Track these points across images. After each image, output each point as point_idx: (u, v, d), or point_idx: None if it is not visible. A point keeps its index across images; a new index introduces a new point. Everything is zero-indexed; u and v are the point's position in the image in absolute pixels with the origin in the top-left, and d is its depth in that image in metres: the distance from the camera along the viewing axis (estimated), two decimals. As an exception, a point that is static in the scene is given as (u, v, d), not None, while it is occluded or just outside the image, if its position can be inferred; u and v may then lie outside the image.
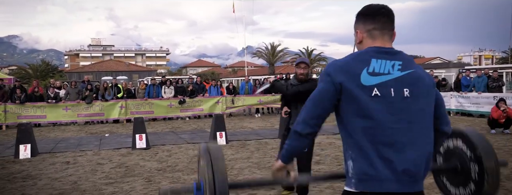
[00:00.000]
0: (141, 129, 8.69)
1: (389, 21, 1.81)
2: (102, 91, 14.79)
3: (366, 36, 1.81)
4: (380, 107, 1.66)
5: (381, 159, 1.64)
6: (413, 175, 1.66)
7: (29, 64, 53.73)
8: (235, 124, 13.56)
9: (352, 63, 1.73)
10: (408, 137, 1.67)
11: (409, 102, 1.69)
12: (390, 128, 1.66)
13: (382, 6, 1.81)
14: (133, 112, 14.93)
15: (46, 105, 14.02)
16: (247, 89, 16.99)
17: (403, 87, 1.69)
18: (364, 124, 1.67)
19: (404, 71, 1.73)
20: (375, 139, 1.66)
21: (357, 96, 1.67)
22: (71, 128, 13.56)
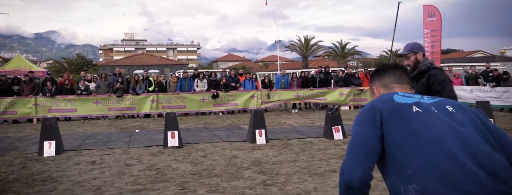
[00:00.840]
0: (174, 126, 7.92)
1: (405, 75, 1.89)
2: (133, 84, 14.20)
3: (383, 90, 1.86)
4: (426, 122, 1.59)
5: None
6: None
7: (65, 58, 54.55)
8: (272, 120, 12.65)
9: (381, 98, 1.75)
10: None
11: (460, 118, 1.61)
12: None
13: (395, 63, 1.96)
14: (165, 106, 14.29)
15: (76, 99, 13.55)
16: (284, 82, 16.04)
17: (441, 105, 1.66)
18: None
19: (434, 99, 1.72)
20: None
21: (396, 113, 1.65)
22: (101, 122, 13.02)
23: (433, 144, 1.48)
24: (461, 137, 1.49)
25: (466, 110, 1.64)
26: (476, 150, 1.47)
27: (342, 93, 15.90)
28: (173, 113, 8.02)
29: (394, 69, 1.88)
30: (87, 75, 15.23)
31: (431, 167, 1.44)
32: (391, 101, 1.65)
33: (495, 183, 1.39)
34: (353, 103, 16.09)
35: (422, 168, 1.45)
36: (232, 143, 8.30)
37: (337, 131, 8.72)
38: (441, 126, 1.53)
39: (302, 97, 15.62)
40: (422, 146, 1.49)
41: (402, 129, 1.55)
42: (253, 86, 15.57)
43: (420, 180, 1.44)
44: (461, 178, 1.40)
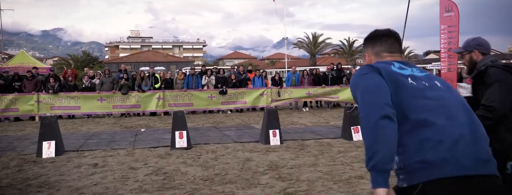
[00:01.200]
0: (182, 125, 7.38)
1: (396, 43, 1.96)
2: (138, 81, 13.69)
3: (375, 57, 1.95)
4: (427, 91, 1.77)
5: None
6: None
7: (70, 55, 54.30)
8: (284, 119, 12.09)
9: (379, 63, 1.84)
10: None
11: (445, 92, 1.78)
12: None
13: (388, 30, 1.97)
14: (171, 104, 13.77)
15: (80, 96, 13.07)
16: (294, 80, 15.46)
17: (430, 80, 1.81)
18: None
19: (422, 73, 1.85)
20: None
21: (398, 82, 1.76)
22: (105, 120, 12.53)
23: (425, 107, 1.67)
24: (443, 100, 1.71)
25: (451, 89, 1.83)
26: (466, 120, 1.68)
27: (355, 91, 15.31)
28: (181, 112, 7.49)
29: (386, 38, 1.94)
30: (89, 71, 14.69)
31: (433, 117, 1.64)
32: (389, 68, 1.78)
33: (473, 138, 1.63)
34: (366, 102, 15.50)
35: (421, 120, 1.64)
36: (244, 144, 7.76)
37: (356, 132, 8.16)
38: (435, 95, 1.72)
39: (313, 95, 15.05)
40: (420, 107, 1.66)
41: (402, 90, 1.70)
42: (262, 83, 15.01)
43: (422, 129, 1.63)
44: (447, 125, 1.63)
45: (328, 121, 11.47)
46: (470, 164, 1.54)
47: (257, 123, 11.26)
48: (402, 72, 1.77)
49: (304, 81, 15.34)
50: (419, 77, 1.79)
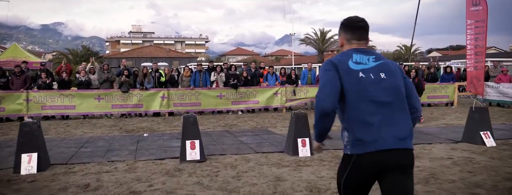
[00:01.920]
0: (193, 133, 6.07)
1: (365, 32, 2.44)
2: (140, 78, 12.37)
3: (346, 42, 2.47)
4: (368, 87, 2.31)
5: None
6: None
7: (69, 49, 52.85)
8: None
9: (340, 56, 2.39)
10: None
11: (387, 80, 2.32)
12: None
13: (360, 20, 2.43)
14: (177, 104, 12.46)
15: (75, 94, 11.75)
16: (310, 78, 14.14)
17: (379, 72, 2.33)
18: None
19: (377, 61, 2.37)
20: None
21: (350, 76, 2.32)
22: (103, 122, 11.21)
23: (369, 101, 2.25)
24: (386, 98, 2.27)
25: (394, 74, 2.36)
26: (391, 105, 2.28)
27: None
28: (193, 117, 6.15)
29: (358, 28, 2.42)
30: (79, 67, 13.23)
31: (368, 110, 2.24)
32: (346, 64, 2.30)
33: (394, 133, 2.25)
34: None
35: (363, 110, 2.25)
36: (267, 155, 6.45)
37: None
38: (375, 90, 2.27)
39: (331, 95, 13.72)
40: (363, 100, 2.25)
41: (351, 84, 2.27)
42: (276, 81, 13.68)
43: (362, 117, 2.25)
44: (378, 120, 2.23)
45: (354, 124, 10.15)
46: (391, 140, 2.20)
47: (274, 126, 9.95)
48: (356, 68, 2.30)
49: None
50: (370, 69, 2.32)
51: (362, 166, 2.21)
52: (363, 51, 2.38)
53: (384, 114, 2.22)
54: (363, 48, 2.40)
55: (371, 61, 2.34)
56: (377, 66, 2.33)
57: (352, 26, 2.42)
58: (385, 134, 2.18)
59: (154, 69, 12.88)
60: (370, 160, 2.18)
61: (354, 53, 2.35)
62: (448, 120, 10.85)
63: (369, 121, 2.20)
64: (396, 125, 2.22)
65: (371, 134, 2.18)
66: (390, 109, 2.24)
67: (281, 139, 7.95)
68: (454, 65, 21.83)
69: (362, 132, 2.20)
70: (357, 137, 2.21)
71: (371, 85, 2.25)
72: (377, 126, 2.19)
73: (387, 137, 2.18)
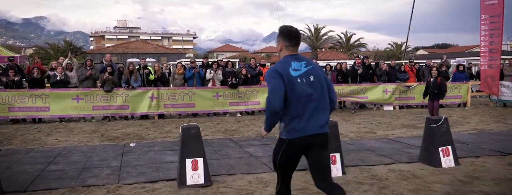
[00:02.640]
0: (197, 150, 4.66)
1: (298, 42, 3.07)
2: (126, 75, 10.87)
3: (284, 48, 3.02)
4: (303, 89, 2.93)
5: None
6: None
7: (50, 44, 50.69)
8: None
9: (282, 64, 2.96)
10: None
11: (315, 83, 2.97)
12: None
13: (295, 31, 3.05)
14: (167, 105, 11.00)
15: (49, 93, 10.21)
16: (315, 76, 12.78)
17: (309, 75, 2.96)
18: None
19: (307, 67, 2.99)
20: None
21: (291, 82, 2.91)
22: (82, 126, 9.71)
23: (303, 100, 2.91)
24: (315, 98, 2.95)
25: (320, 76, 3.03)
26: (318, 102, 2.96)
27: (386, 90, 12.72)
28: (195, 128, 4.72)
29: (294, 38, 3.02)
30: (53, 63, 11.60)
31: (301, 107, 2.91)
32: (287, 71, 2.90)
33: (319, 122, 2.98)
34: (398, 103, 12.94)
35: (298, 107, 2.91)
36: (288, 177, 5.07)
37: (446, 155, 5.56)
38: (308, 91, 2.92)
39: (338, 95, 12.42)
40: (298, 100, 2.89)
41: (292, 88, 2.88)
42: (278, 80, 12.33)
43: (297, 112, 2.91)
44: (308, 115, 2.93)
45: (373, 130, 8.84)
46: (315, 128, 2.94)
47: (283, 133, 8.57)
48: (295, 74, 2.91)
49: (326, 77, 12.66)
50: (303, 74, 2.94)
51: (294, 146, 2.97)
52: (297, 57, 3.00)
53: (311, 108, 2.94)
54: (296, 54, 3.03)
55: (303, 66, 2.97)
56: (308, 71, 2.96)
57: (290, 35, 3.00)
58: (311, 124, 2.93)
59: (142, 66, 11.38)
60: (300, 142, 2.94)
61: (292, 61, 2.95)
62: (474, 125, 9.62)
63: (300, 114, 2.91)
64: (318, 116, 2.96)
65: (301, 124, 2.91)
66: (316, 104, 2.95)
67: (297, 151, 6.61)
68: (460, 63, 20.65)
69: (295, 123, 2.91)
70: (291, 126, 2.93)
71: (305, 87, 2.92)
72: (305, 119, 2.92)
73: (312, 126, 2.94)
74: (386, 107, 12.91)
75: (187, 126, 4.72)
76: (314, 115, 2.93)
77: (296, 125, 2.90)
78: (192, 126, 4.72)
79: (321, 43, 39.21)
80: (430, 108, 8.78)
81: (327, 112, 3.05)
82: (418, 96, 12.92)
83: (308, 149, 3.00)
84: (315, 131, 2.93)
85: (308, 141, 2.94)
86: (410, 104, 13.20)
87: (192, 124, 4.78)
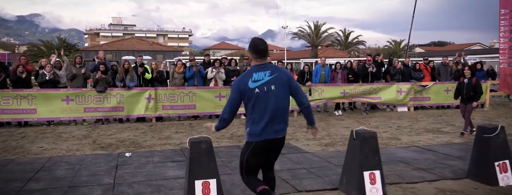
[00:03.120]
0: (208, 169, 3.76)
1: (265, 53, 3.35)
2: (121, 74, 9.95)
3: (253, 59, 3.36)
4: (260, 98, 3.25)
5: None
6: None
7: (43, 41, 49.50)
8: (321, 129, 8.58)
9: (243, 78, 3.32)
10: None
11: (275, 92, 3.26)
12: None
13: (261, 44, 3.33)
14: (166, 106, 10.09)
15: (36, 94, 9.28)
16: (324, 75, 11.91)
17: (270, 84, 3.25)
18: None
19: (271, 76, 3.27)
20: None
21: (247, 93, 3.27)
22: (72, 131, 8.78)
23: (258, 112, 3.25)
24: (271, 105, 3.23)
25: (283, 84, 3.30)
26: (274, 109, 3.25)
27: (401, 90, 11.85)
28: (206, 142, 3.81)
29: (260, 51, 3.31)
30: (42, 60, 10.62)
31: (259, 114, 3.25)
32: (246, 85, 3.24)
33: (275, 128, 3.29)
34: (413, 103, 12.06)
35: (256, 114, 3.27)
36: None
37: (503, 171, 4.70)
38: (265, 100, 3.23)
39: (349, 95, 11.54)
40: (256, 108, 3.25)
41: (249, 102, 3.27)
42: (286, 79, 11.43)
43: (255, 119, 3.28)
44: (265, 121, 3.24)
45: (395, 135, 7.97)
46: (271, 133, 3.26)
47: (294, 137, 7.71)
48: (253, 86, 3.25)
49: (336, 76, 11.80)
50: (263, 83, 3.25)
51: (255, 149, 3.31)
52: (262, 67, 3.32)
53: (269, 115, 3.24)
54: (262, 64, 3.33)
55: (266, 76, 3.27)
56: (270, 79, 3.26)
57: (256, 48, 3.32)
58: (268, 129, 3.25)
59: (138, 64, 10.45)
60: (259, 145, 3.29)
61: (254, 72, 3.29)
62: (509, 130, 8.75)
63: (259, 121, 3.25)
64: (275, 122, 3.27)
65: (259, 130, 3.25)
66: (274, 112, 3.25)
67: (319, 162, 5.74)
68: (471, 61, 19.84)
69: (254, 128, 3.28)
70: (251, 131, 3.30)
71: (263, 96, 3.24)
72: (263, 125, 3.24)
73: (269, 131, 3.26)
74: (400, 108, 12.05)
75: (196, 139, 3.81)
76: (272, 122, 3.25)
77: (254, 130, 3.27)
78: (202, 139, 3.82)
79: (321, 40, 38.25)
80: (463, 111, 7.91)
81: (285, 117, 3.37)
82: (434, 96, 12.10)
83: (267, 152, 3.39)
84: (271, 136, 3.27)
85: (265, 145, 3.30)
86: (425, 105, 12.34)
87: (202, 137, 3.87)
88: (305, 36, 37.34)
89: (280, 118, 3.30)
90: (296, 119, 10.43)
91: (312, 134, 3.67)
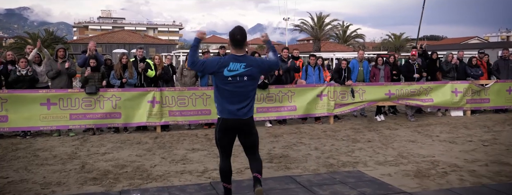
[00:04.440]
0: None
1: (241, 42, 3.57)
2: (118, 71, 7.80)
3: (231, 48, 3.60)
4: (231, 85, 3.56)
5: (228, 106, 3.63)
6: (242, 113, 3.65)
7: (30, 33, 46.71)
8: (380, 144, 6.55)
9: (224, 61, 3.56)
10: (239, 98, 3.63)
11: (246, 82, 3.57)
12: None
13: (238, 33, 3.55)
14: (174, 112, 7.98)
15: (8, 96, 7.12)
16: (362, 72, 9.88)
17: (243, 76, 3.54)
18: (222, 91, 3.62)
19: (246, 68, 3.55)
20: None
21: (220, 77, 3.56)
22: (54, 146, 6.64)
23: (227, 96, 3.58)
24: (240, 95, 3.59)
25: (254, 76, 3.63)
26: (243, 100, 3.62)
27: (456, 90, 9.82)
28: None
29: (236, 41, 3.55)
30: (8, 53, 8.25)
31: (228, 98, 3.59)
32: (222, 69, 3.51)
33: (241, 111, 3.62)
34: (470, 106, 10.02)
35: (226, 98, 3.60)
36: None
37: None
38: (235, 87, 3.55)
39: (394, 97, 9.50)
40: (226, 93, 3.58)
41: (220, 86, 3.57)
42: (320, 77, 9.37)
43: (224, 101, 3.62)
44: (235, 105, 3.60)
45: (501, 159, 5.94)
46: (239, 114, 3.59)
47: (352, 157, 5.66)
48: (228, 74, 3.51)
49: (378, 73, 9.75)
50: (238, 74, 3.53)
51: (225, 125, 3.64)
52: (238, 58, 3.56)
53: (236, 100, 3.59)
54: (238, 55, 3.58)
55: (241, 67, 3.54)
56: (244, 72, 3.54)
57: (233, 39, 3.55)
58: (236, 111, 3.59)
59: (138, 58, 8.28)
60: (229, 122, 3.63)
61: (232, 61, 3.54)
62: None
63: (228, 103, 3.59)
64: (244, 107, 3.62)
65: (227, 109, 3.60)
66: (242, 98, 3.60)
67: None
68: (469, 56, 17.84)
69: (223, 107, 3.62)
70: (220, 109, 3.65)
71: (233, 84, 3.54)
72: (232, 107, 3.59)
73: (237, 113, 3.60)
74: (454, 112, 10.04)
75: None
76: (240, 106, 3.60)
77: (223, 109, 3.63)
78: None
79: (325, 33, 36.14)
80: None
81: (251, 103, 3.68)
82: (494, 97, 10.09)
83: (237, 132, 3.71)
84: (239, 116, 3.61)
85: (232, 123, 3.62)
86: (484, 108, 10.34)
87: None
88: (307, 29, 35.19)
89: (248, 105, 3.65)
90: (336, 128, 8.39)
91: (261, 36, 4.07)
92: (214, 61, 3.54)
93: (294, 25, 35.95)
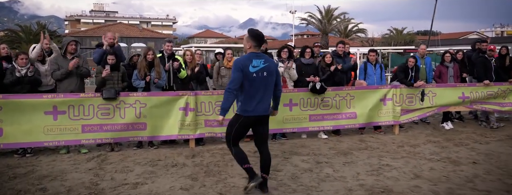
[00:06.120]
0: None
1: (262, 43, 4.17)
2: (143, 70, 6.13)
3: (252, 47, 4.02)
4: (255, 82, 3.97)
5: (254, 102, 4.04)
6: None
7: (21, 26, 44.55)
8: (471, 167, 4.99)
9: (245, 61, 3.96)
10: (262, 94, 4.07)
11: (267, 78, 4.02)
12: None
13: (261, 34, 4.08)
14: (210, 122, 6.33)
15: (3, 103, 5.44)
16: (424, 69, 8.31)
17: (264, 71, 3.98)
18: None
19: (265, 64, 4.00)
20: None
21: (248, 76, 3.95)
22: (65, 170, 4.97)
23: (252, 93, 3.98)
24: (263, 88, 4.01)
25: (272, 72, 4.07)
26: (264, 95, 4.06)
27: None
28: None
29: (260, 40, 4.08)
30: (0, 45, 6.47)
31: (252, 95, 3.99)
32: (247, 68, 3.91)
33: (262, 107, 4.07)
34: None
35: (250, 94, 3.99)
36: None
37: None
38: (259, 83, 3.98)
39: (468, 101, 7.93)
40: (252, 89, 3.97)
41: (247, 81, 3.94)
42: (381, 77, 7.76)
43: (249, 98, 4.01)
44: (257, 101, 4.02)
45: None
46: (260, 111, 4.01)
47: (476, 187, 4.09)
48: (253, 70, 3.93)
49: (446, 72, 8.17)
50: (259, 70, 3.97)
51: (245, 122, 4.05)
52: (259, 55, 4.04)
53: (259, 96, 3.99)
54: (259, 52, 4.07)
55: (261, 63, 3.98)
56: (264, 67, 4.00)
57: (258, 38, 4.05)
58: (258, 107, 4.00)
59: (165, 55, 6.60)
60: (250, 119, 4.03)
61: (254, 58, 3.98)
62: None
63: (251, 100, 3.97)
64: (264, 102, 4.04)
65: (251, 107, 3.98)
66: (263, 93, 4.02)
67: None
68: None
69: (247, 105, 3.99)
70: (244, 107, 4.01)
71: (257, 80, 3.96)
72: (255, 103, 3.98)
73: (258, 109, 4.01)
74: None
75: None
76: (261, 101, 4.02)
77: (247, 107, 3.99)
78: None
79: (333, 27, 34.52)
80: None
81: (270, 99, 4.17)
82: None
83: (254, 125, 4.14)
84: (260, 113, 4.05)
85: (254, 119, 4.06)
86: None
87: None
88: (314, 22, 33.52)
89: (267, 99, 4.11)
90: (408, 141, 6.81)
91: (271, 115, 4.31)
92: (239, 63, 3.97)
93: (302, 18, 34.25)
